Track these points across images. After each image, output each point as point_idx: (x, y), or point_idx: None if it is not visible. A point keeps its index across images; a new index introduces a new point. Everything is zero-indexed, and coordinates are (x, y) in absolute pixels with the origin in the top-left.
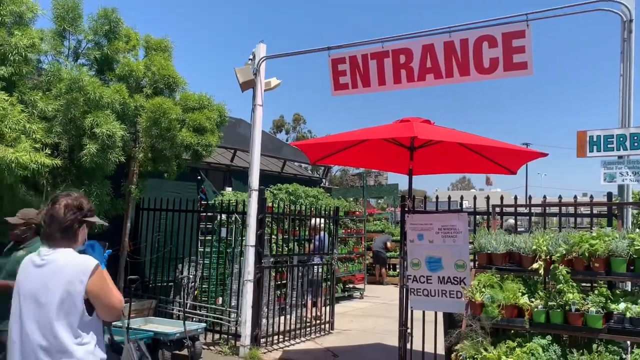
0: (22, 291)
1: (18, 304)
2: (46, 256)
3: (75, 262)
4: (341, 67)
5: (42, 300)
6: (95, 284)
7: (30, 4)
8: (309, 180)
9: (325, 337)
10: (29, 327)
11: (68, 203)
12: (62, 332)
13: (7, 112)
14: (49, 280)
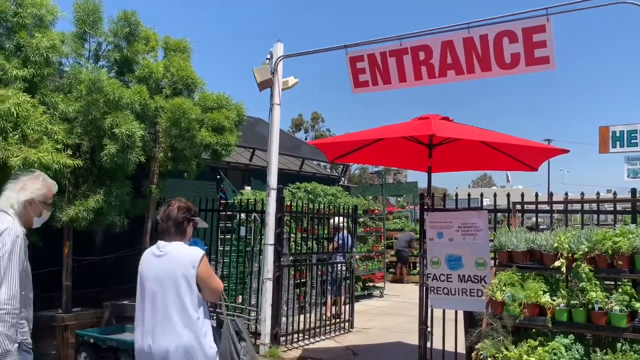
0: (145, 277)
1: (142, 287)
2: (164, 248)
3: (188, 252)
4: (360, 65)
5: (165, 283)
6: (203, 270)
7: (50, 6)
8: (328, 178)
9: (345, 336)
10: (158, 305)
11: (180, 205)
12: (182, 308)
13: (30, 113)
14: (169, 267)
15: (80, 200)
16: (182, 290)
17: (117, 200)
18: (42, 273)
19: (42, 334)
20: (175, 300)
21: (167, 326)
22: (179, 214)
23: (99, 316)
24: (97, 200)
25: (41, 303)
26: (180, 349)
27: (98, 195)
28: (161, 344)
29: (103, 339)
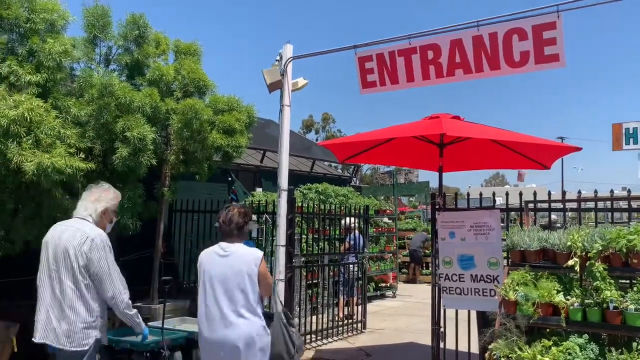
0: (212, 275)
1: (209, 284)
2: (228, 249)
3: (250, 252)
4: (368, 65)
5: (229, 281)
6: (263, 268)
7: (62, 11)
8: (339, 179)
9: (357, 337)
10: (224, 304)
11: (240, 210)
12: (246, 301)
13: (43, 118)
14: (234, 265)
15: None
16: (246, 286)
17: (129, 203)
18: None
19: None
20: (240, 295)
21: (233, 318)
22: (240, 219)
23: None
24: None
25: None
26: (243, 338)
27: None
28: (227, 334)
29: (117, 340)
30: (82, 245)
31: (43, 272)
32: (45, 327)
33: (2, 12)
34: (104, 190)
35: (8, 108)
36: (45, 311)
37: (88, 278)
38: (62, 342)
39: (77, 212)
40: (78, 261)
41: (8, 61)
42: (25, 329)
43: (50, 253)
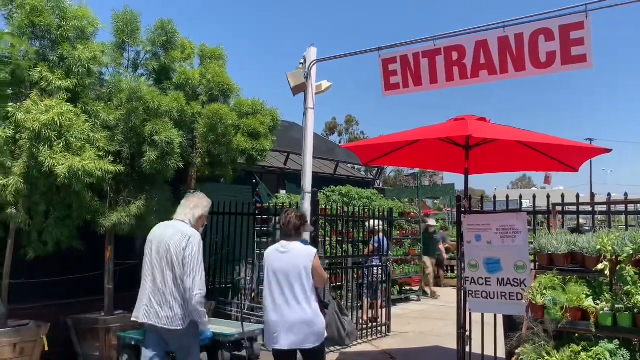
0: (274, 268)
1: (273, 276)
2: (287, 246)
3: (305, 249)
4: (392, 67)
5: (290, 274)
6: (316, 263)
7: (91, 18)
8: (362, 181)
9: (382, 340)
10: (286, 289)
11: (297, 214)
12: (304, 291)
13: (73, 122)
14: (293, 260)
15: (122, 206)
16: (303, 278)
17: (157, 206)
18: (86, 277)
19: (86, 336)
20: (299, 285)
21: (294, 304)
22: (297, 221)
23: None
24: (138, 207)
25: (85, 306)
26: (303, 320)
27: (139, 201)
28: (289, 317)
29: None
30: (181, 242)
31: (147, 263)
32: (148, 310)
33: (34, 19)
34: (200, 199)
35: (40, 113)
36: (147, 297)
37: (184, 270)
38: (164, 322)
39: (177, 215)
40: (177, 256)
41: (39, 67)
42: (55, 328)
43: (154, 248)
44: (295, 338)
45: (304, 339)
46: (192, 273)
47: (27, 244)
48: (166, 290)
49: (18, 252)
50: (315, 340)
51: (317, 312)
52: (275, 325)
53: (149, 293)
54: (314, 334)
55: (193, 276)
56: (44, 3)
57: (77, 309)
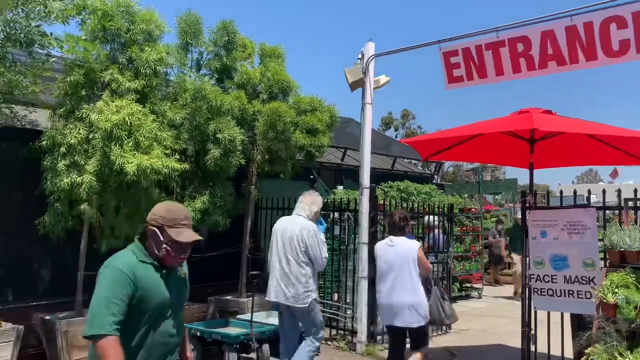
0: (385, 259)
1: (385, 266)
2: (395, 240)
3: (410, 243)
4: (454, 59)
5: (398, 263)
6: (420, 254)
7: (158, 22)
8: (421, 177)
9: (442, 337)
10: (396, 277)
11: (401, 214)
12: (411, 278)
13: (141, 122)
14: (401, 253)
15: (188, 201)
16: (411, 267)
17: (220, 201)
18: None
19: None
20: (407, 274)
21: (403, 290)
22: (402, 222)
23: (204, 310)
24: (203, 202)
25: None
26: (411, 303)
27: (204, 197)
28: (399, 300)
29: (209, 332)
30: (302, 233)
31: (273, 252)
32: (277, 291)
33: (105, 23)
34: (316, 196)
35: (111, 113)
36: (276, 280)
37: (306, 257)
38: (291, 301)
39: (297, 210)
40: (300, 245)
41: (110, 69)
42: None
43: (279, 239)
44: (404, 318)
45: (411, 319)
46: (319, 257)
47: (100, 238)
48: (291, 273)
49: (92, 246)
50: (420, 321)
51: (422, 297)
52: (388, 307)
53: (277, 277)
54: (419, 315)
55: (318, 259)
56: (114, 8)
57: None
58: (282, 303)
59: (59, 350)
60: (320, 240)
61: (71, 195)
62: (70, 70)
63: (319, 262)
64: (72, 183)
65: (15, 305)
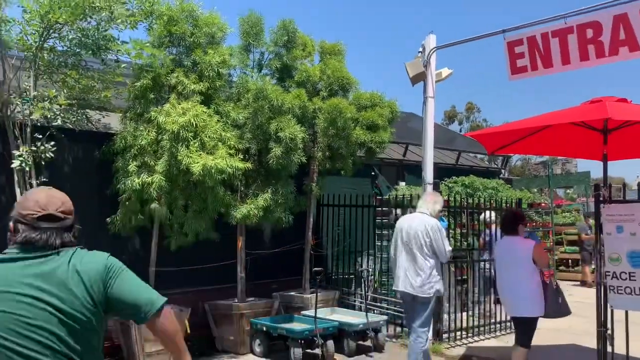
0: (500, 255)
1: (500, 262)
2: (506, 239)
3: (524, 241)
4: (518, 49)
5: (510, 259)
6: (535, 252)
7: (220, 24)
8: (487, 171)
9: (510, 336)
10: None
11: (513, 212)
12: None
13: (206, 123)
14: (511, 248)
15: (251, 199)
16: (525, 262)
17: (282, 198)
18: (220, 265)
19: (221, 321)
20: (522, 268)
21: (518, 283)
22: (513, 218)
23: (269, 306)
24: (265, 199)
25: (220, 293)
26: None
27: (266, 194)
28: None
29: (274, 327)
30: (426, 229)
31: (399, 245)
32: (404, 282)
33: (171, 28)
34: (438, 196)
35: (178, 115)
36: (403, 271)
37: (431, 250)
38: (417, 291)
39: (420, 209)
40: (425, 240)
41: (176, 73)
42: (194, 313)
43: (404, 234)
44: (519, 308)
45: (525, 309)
46: (442, 250)
47: (169, 235)
48: (416, 265)
49: (162, 242)
50: (535, 312)
51: (536, 289)
52: (505, 299)
53: (404, 268)
54: (534, 306)
55: (442, 252)
56: (178, 13)
57: (213, 296)
58: (409, 292)
59: (133, 343)
60: (443, 234)
61: (142, 194)
62: (139, 75)
63: (443, 254)
64: (142, 183)
65: None
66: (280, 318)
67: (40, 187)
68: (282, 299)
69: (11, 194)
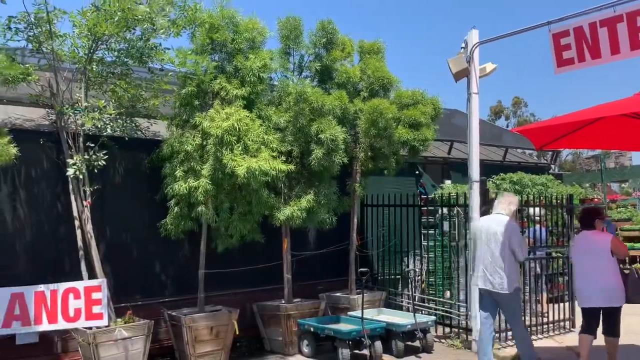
0: (580, 250)
1: (583, 254)
2: (587, 234)
3: (601, 235)
4: (564, 41)
5: (593, 252)
6: (613, 244)
7: (260, 28)
8: (535, 167)
9: (564, 336)
10: (592, 266)
11: (590, 209)
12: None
13: (249, 127)
14: (594, 242)
15: (294, 200)
16: (603, 255)
17: (325, 200)
18: (267, 267)
19: (269, 322)
20: (601, 261)
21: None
22: (590, 215)
23: (316, 307)
24: (308, 200)
25: (266, 294)
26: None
27: (309, 196)
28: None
29: (321, 328)
30: (505, 229)
31: (479, 245)
32: (484, 279)
33: (213, 35)
34: (513, 197)
35: (221, 120)
36: (482, 270)
37: (508, 249)
38: (497, 288)
39: (497, 210)
40: (503, 239)
41: (219, 79)
42: (242, 314)
43: (484, 235)
44: (603, 299)
45: (609, 299)
46: (519, 250)
47: (216, 237)
48: (495, 263)
49: (210, 245)
50: (618, 301)
51: (618, 279)
52: (587, 290)
53: (483, 266)
54: (616, 296)
55: (519, 251)
56: (219, 20)
57: (260, 297)
58: (489, 290)
59: (185, 344)
60: (519, 234)
61: (189, 198)
62: (184, 82)
63: (519, 254)
64: (189, 187)
65: (145, 302)
66: (327, 319)
67: None
68: (328, 300)
69: (67, 201)
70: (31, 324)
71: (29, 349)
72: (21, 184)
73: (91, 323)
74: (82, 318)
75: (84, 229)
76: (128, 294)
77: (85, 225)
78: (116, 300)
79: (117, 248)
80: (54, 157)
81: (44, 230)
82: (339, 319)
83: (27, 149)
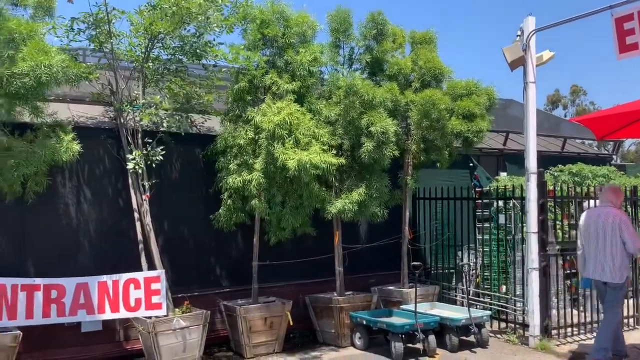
0: (590, 230)
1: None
2: None
3: None
4: (628, 25)
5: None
6: None
7: (310, 22)
8: (596, 158)
9: (629, 333)
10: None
11: None
12: None
13: (300, 120)
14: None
15: (346, 194)
16: None
17: (376, 193)
18: (319, 259)
19: (321, 314)
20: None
21: None
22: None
23: (368, 300)
24: (359, 193)
25: (318, 286)
26: None
27: (360, 189)
28: None
29: (374, 321)
30: (615, 220)
31: (589, 236)
32: (595, 269)
33: (264, 31)
34: (617, 188)
35: (273, 114)
36: (592, 260)
37: (620, 240)
38: (607, 278)
39: (602, 201)
40: (613, 229)
41: (270, 74)
42: (294, 305)
43: (592, 225)
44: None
45: None
46: (630, 240)
47: (269, 230)
48: (605, 253)
49: (262, 237)
50: None
51: None
52: None
53: (594, 257)
54: None
55: (630, 242)
56: (270, 15)
57: (312, 289)
58: (599, 280)
59: (240, 334)
60: (631, 226)
61: (242, 191)
62: (237, 78)
63: (630, 244)
64: (243, 181)
65: (201, 292)
66: (379, 312)
67: None
68: (380, 293)
69: (127, 195)
70: (95, 312)
71: (94, 336)
72: (84, 180)
73: (151, 312)
74: (142, 307)
75: (143, 221)
76: (185, 284)
77: (144, 218)
78: (174, 290)
79: (173, 240)
80: (114, 153)
81: (105, 223)
82: (391, 312)
83: (89, 145)
